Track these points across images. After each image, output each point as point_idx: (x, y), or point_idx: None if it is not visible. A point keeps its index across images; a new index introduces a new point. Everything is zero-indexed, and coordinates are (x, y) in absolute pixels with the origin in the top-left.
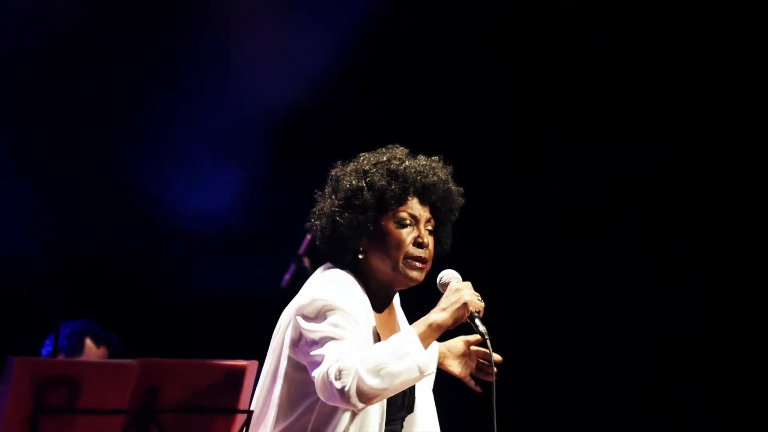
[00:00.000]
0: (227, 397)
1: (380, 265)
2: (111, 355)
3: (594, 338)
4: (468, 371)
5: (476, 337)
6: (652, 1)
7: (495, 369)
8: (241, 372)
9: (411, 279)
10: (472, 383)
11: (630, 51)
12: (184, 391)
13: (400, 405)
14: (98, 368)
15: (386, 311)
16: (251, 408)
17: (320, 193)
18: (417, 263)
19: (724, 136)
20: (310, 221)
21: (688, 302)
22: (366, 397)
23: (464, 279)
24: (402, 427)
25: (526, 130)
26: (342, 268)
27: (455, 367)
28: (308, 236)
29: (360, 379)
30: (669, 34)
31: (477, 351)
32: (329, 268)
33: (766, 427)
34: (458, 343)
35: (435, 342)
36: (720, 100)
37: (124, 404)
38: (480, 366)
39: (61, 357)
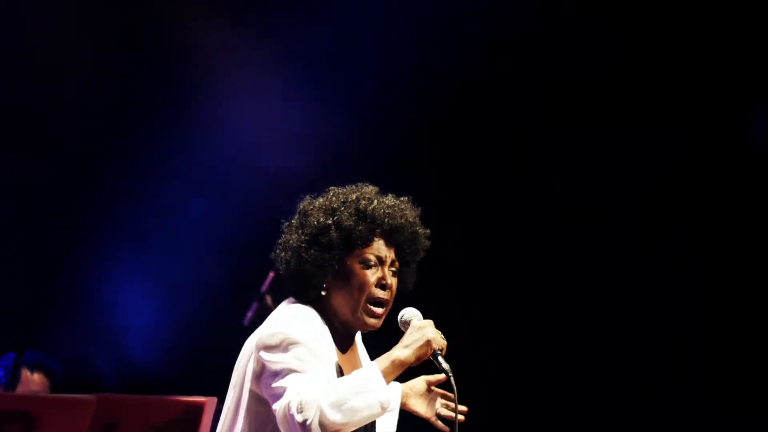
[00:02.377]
0: None
1: (341, 304)
2: (52, 382)
3: (594, 338)
4: (433, 411)
5: (438, 376)
6: (652, 1)
7: (459, 408)
8: (199, 408)
9: (368, 326)
10: (438, 424)
11: (630, 51)
12: (142, 428)
13: None
14: (55, 403)
15: (349, 349)
16: None
17: (288, 223)
18: (377, 309)
19: (724, 137)
20: (275, 252)
21: (688, 302)
22: (327, 431)
23: (425, 316)
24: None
25: (526, 130)
26: (305, 303)
27: (419, 407)
28: (271, 274)
29: (322, 413)
30: (669, 33)
31: (438, 392)
32: (293, 302)
33: (766, 427)
34: (420, 382)
35: (397, 382)
36: (720, 101)
37: None
38: (445, 405)
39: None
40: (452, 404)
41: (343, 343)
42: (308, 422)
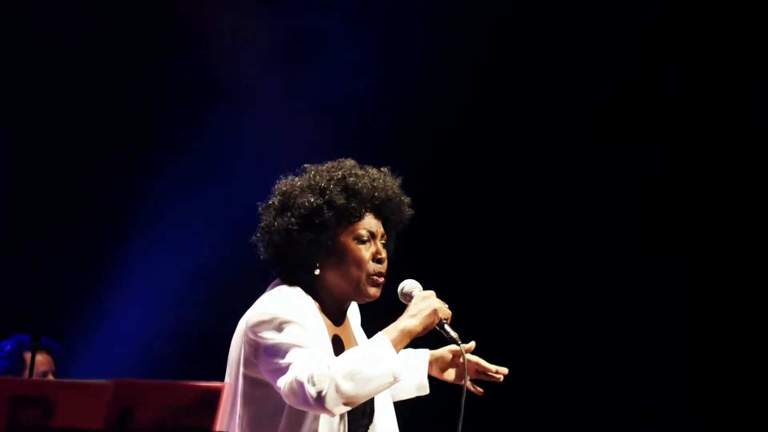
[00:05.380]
0: (202, 418)
1: (339, 282)
2: (54, 356)
3: (593, 338)
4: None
5: (465, 346)
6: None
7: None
8: (216, 393)
9: (371, 296)
10: (471, 387)
11: (628, 50)
12: (159, 413)
13: (362, 412)
14: (72, 388)
15: (341, 326)
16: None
17: (265, 206)
18: (378, 279)
19: (724, 135)
20: (256, 236)
21: (687, 302)
22: (342, 402)
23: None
24: (371, 420)
25: (526, 129)
26: (293, 284)
27: (447, 375)
28: None
29: (336, 384)
30: (670, 33)
31: (468, 360)
32: (282, 284)
33: (766, 427)
34: (444, 352)
35: (426, 350)
36: (720, 100)
37: (98, 425)
38: (478, 369)
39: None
40: (487, 368)
41: (335, 321)
42: (323, 393)
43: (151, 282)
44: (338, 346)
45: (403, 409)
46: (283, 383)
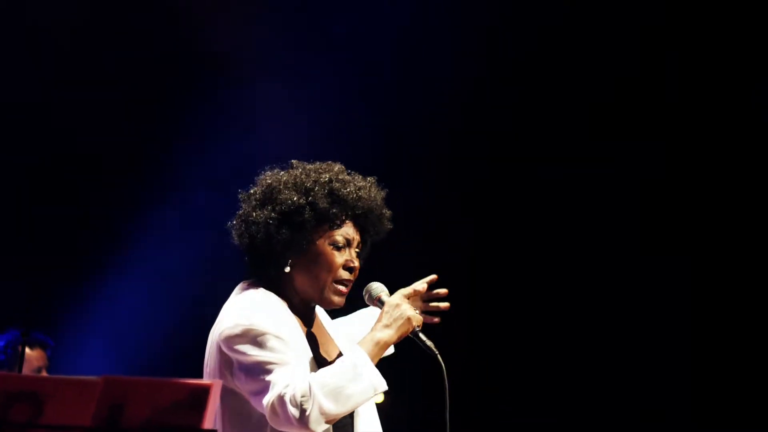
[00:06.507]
0: (191, 415)
1: (306, 283)
2: (48, 352)
3: (594, 338)
4: (419, 311)
5: (421, 282)
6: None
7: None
8: (205, 391)
9: (333, 304)
10: (428, 318)
11: (628, 50)
12: (148, 409)
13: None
14: (61, 384)
15: (313, 324)
16: None
17: (246, 194)
18: (342, 287)
19: (724, 135)
20: (233, 223)
21: (687, 302)
22: (326, 421)
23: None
24: (352, 419)
25: (526, 129)
26: (263, 282)
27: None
28: None
29: (319, 404)
30: (670, 33)
31: (419, 290)
32: (248, 287)
33: (766, 427)
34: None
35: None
36: (721, 100)
37: (87, 421)
38: (427, 299)
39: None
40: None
41: (306, 318)
42: (307, 414)
43: (146, 279)
44: (314, 344)
45: (387, 407)
46: (264, 404)
